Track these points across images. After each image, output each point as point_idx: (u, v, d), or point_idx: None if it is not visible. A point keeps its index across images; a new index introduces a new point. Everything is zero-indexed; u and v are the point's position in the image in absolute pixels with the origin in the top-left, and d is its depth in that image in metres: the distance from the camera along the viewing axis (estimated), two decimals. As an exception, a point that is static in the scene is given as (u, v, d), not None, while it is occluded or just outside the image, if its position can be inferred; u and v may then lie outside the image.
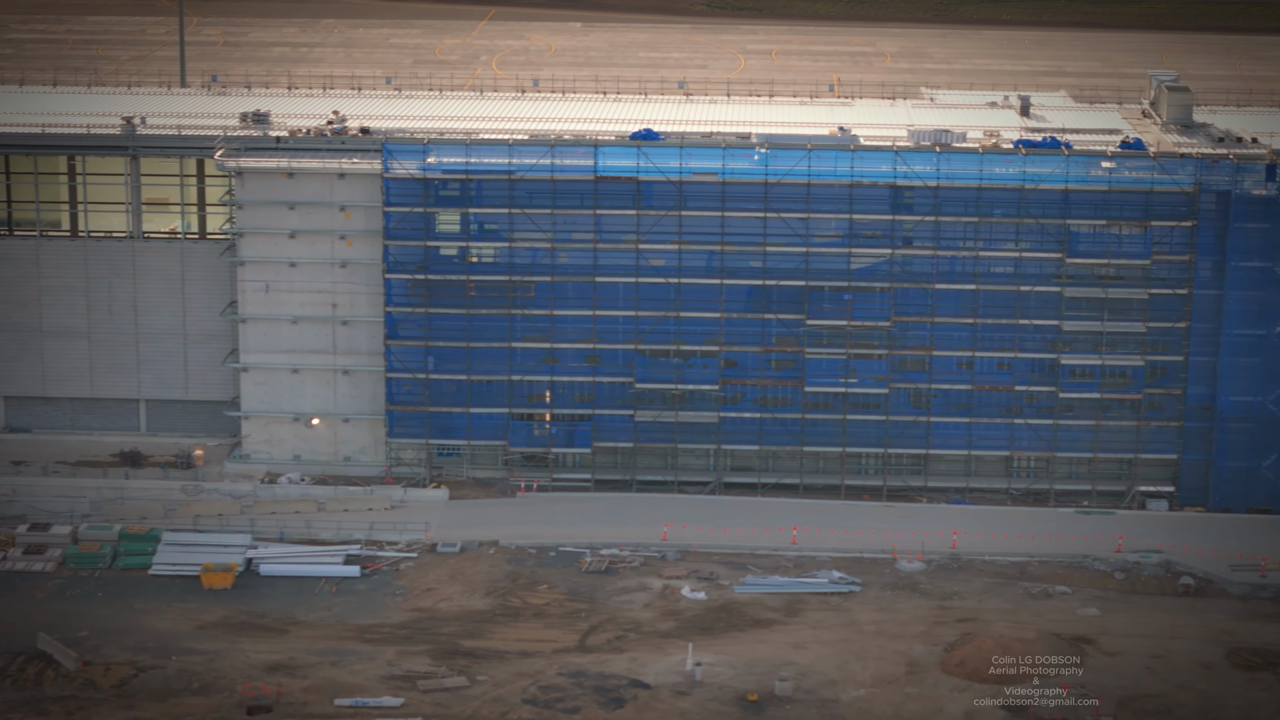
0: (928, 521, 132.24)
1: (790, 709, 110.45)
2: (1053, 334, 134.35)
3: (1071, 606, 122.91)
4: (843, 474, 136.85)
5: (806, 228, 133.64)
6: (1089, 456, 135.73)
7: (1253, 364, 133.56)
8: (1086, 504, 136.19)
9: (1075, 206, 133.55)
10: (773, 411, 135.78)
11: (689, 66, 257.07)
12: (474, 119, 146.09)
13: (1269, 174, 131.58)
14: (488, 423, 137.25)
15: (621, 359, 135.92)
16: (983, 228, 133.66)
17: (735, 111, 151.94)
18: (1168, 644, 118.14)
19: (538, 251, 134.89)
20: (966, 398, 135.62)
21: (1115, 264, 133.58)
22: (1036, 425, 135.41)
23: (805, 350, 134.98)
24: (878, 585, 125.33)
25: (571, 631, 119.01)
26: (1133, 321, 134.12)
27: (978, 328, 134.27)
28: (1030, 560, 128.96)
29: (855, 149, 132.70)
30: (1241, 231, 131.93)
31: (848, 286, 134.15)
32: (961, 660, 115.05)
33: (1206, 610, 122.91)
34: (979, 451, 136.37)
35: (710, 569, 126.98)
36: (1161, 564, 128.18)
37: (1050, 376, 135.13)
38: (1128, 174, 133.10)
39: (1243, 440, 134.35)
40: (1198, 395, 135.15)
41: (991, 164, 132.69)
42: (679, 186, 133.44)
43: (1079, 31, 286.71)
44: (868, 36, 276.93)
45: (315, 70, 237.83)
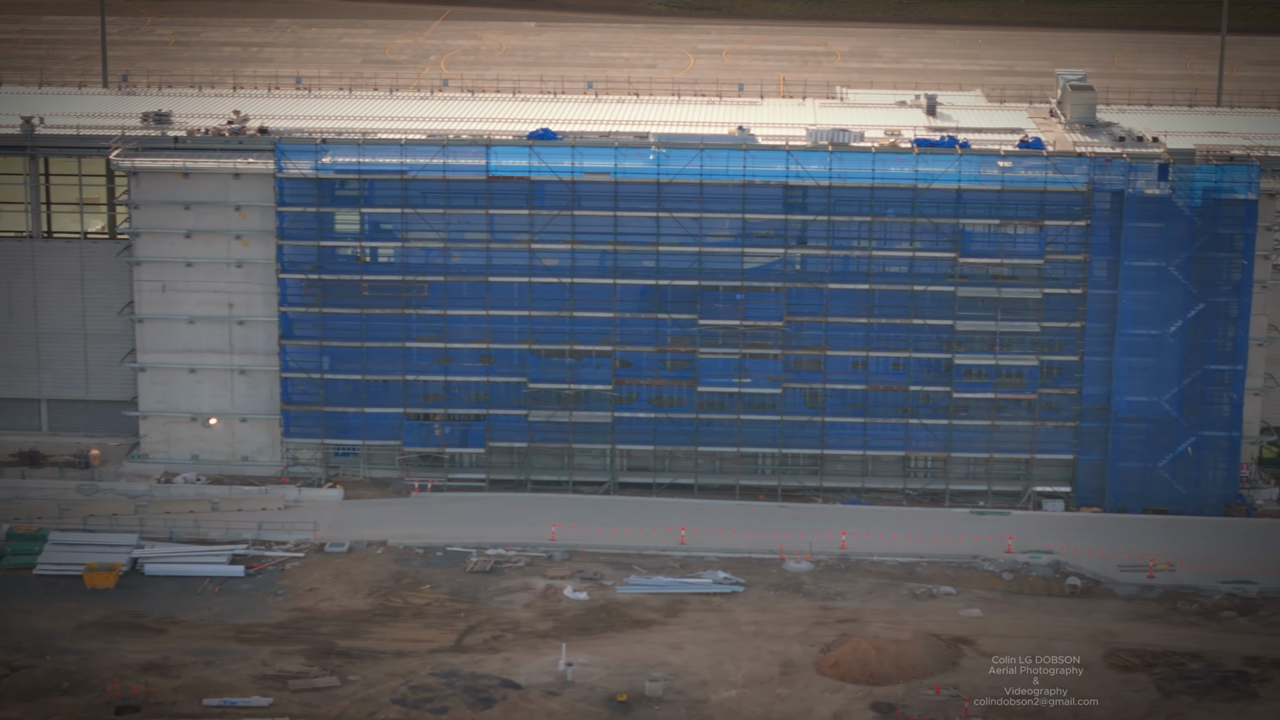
0: (819, 522, 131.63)
1: (659, 709, 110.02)
2: (947, 334, 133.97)
3: (955, 607, 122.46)
4: (737, 474, 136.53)
5: (700, 227, 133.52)
6: (984, 457, 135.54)
7: (1147, 364, 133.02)
8: (982, 504, 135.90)
9: (969, 206, 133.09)
10: (667, 411, 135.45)
11: (638, 66, 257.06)
12: (379, 119, 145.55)
13: (1161, 173, 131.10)
14: (382, 423, 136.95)
15: (515, 359, 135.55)
16: (876, 227, 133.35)
17: (642, 111, 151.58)
18: (1047, 645, 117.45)
19: (431, 251, 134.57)
20: (861, 398, 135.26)
21: (1009, 263, 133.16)
22: (931, 425, 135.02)
23: (699, 350, 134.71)
24: (762, 586, 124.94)
25: (449, 631, 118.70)
26: (1027, 321, 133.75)
27: (872, 327, 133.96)
28: (919, 561, 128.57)
29: (747, 149, 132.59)
30: (1135, 231, 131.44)
31: (741, 286, 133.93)
32: (835, 661, 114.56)
33: (1091, 611, 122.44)
34: (874, 452, 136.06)
35: (596, 569, 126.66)
36: (1051, 565, 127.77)
37: (945, 376, 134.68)
38: (1023, 173, 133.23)
39: (1138, 440, 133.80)
40: (1093, 395, 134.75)
41: (885, 163, 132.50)
42: (571, 186, 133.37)
43: (1035, 31, 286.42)
44: (821, 36, 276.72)
45: (262, 70, 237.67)
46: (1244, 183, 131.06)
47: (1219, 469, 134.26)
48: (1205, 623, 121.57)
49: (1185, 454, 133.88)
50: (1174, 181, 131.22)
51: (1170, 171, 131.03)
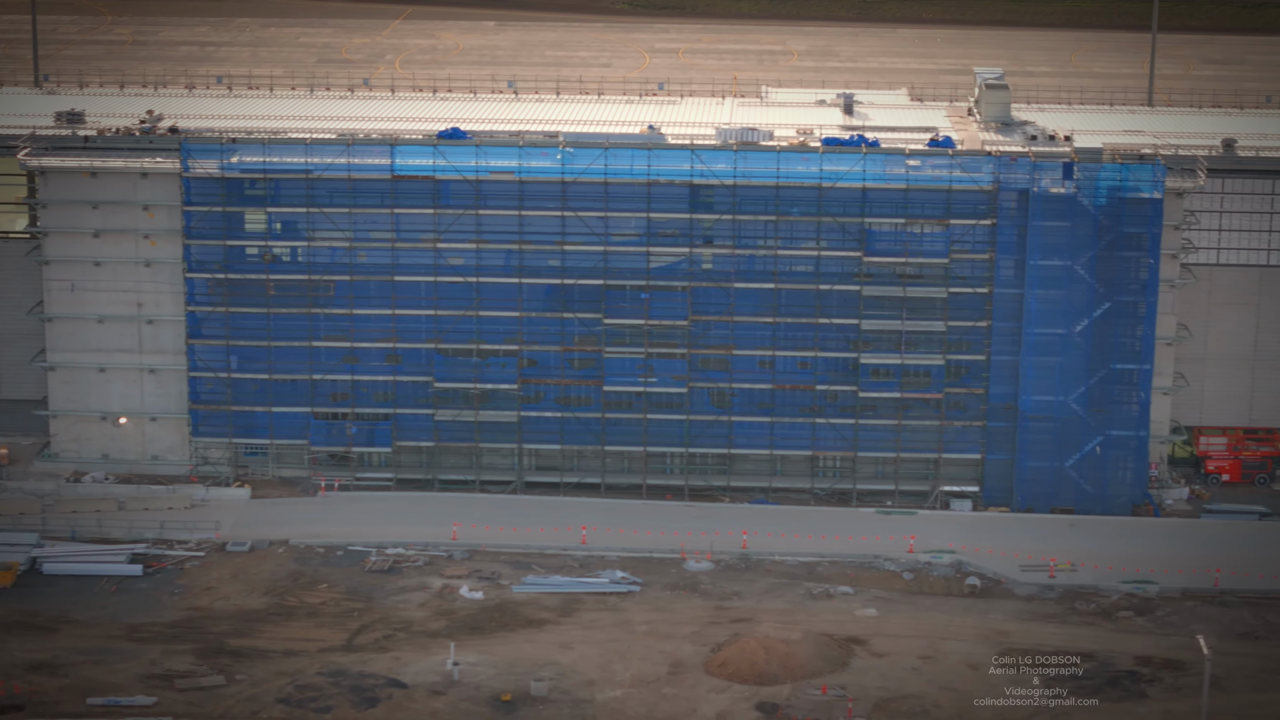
0: (723, 521, 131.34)
1: (543, 709, 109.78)
2: (853, 333, 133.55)
3: (851, 607, 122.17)
4: (644, 474, 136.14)
5: (605, 227, 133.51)
6: (892, 456, 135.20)
7: (1054, 363, 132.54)
8: (890, 504, 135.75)
9: (875, 205, 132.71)
10: (573, 411, 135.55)
11: (593, 65, 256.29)
12: (297, 118, 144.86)
13: (1066, 172, 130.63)
14: (290, 422, 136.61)
15: (422, 358, 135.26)
16: (782, 226, 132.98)
17: (561, 110, 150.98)
18: (940, 645, 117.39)
19: (337, 251, 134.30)
20: (768, 397, 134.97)
21: (915, 263, 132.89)
22: (838, 425, 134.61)
23: (604, 349, 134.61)
24: (660, 585, 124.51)
25: (341, 631, 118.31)
26: (933, 320, 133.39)
27: (778, 327, 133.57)
28: (821, 561, 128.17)
29: (652, 148, 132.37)
30: (1040, 230, 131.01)
31: (646, 286, 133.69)
32: (724, 661, 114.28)
33: (988, 611, 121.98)
34: (781, 451, 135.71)
35: (494, 569, 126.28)
36: (953, 565, 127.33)
37: (851, 376, 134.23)
38: (929, 172, 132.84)
39: (1045, 440, 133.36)
40: (1000, 395, 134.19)
41: (790, 163, 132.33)
42: (476, 186, 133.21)
43: (996, 30, 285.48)
44: (780, 35, 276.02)
45: (215, 69, 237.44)
46: (1149, 182, 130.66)
47: (1126, 469, 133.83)
48: (1101, 623, 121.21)
49: (1093, 454, 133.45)
50: (1079, 180, 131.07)
51: (1075, 170, 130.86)
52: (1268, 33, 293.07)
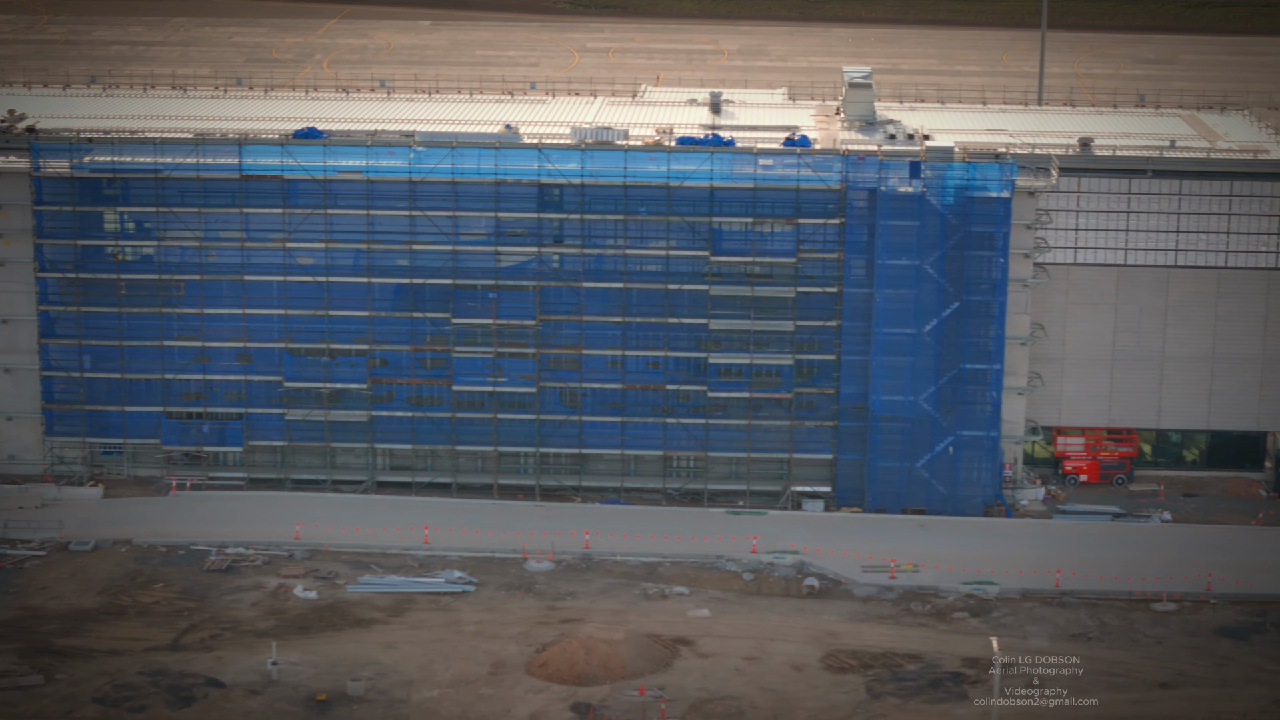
0: (569, 521, 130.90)
1: (357, 709, 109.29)
2: (702, 332, 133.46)
3: (684, 608, 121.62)
4: (495, 473, 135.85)
5: (454, 226, 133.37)
6: (743, 456, 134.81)
7: (904, 363, 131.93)
8: (742, 504, 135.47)
9: (727, 204, 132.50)
10: (423, 410, 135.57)
11: (521, 65, 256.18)
12: (165, 118, 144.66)
13: (913, 171, 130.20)
14: (143, 421, 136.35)
15: (273, 357, 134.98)
16: (631, 226, 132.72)
17: (431, 110, 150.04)
18: (767, 646, 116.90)
19: (187, 250, 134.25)
20: (618, 397, 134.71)
21: (763, 262, 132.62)
22: (689, 425, 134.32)
23: (454, 349, 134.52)
24: (496, 585, 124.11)
25: (169, 630, 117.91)
26: (782, 320, 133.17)
27: (627, 326, 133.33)
28: (663, 561, 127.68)
29: (499, 147, 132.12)
30: (888, 229, 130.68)
31: (495, 285, 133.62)
32: (545, 662, 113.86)
33: (822, 612, 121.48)
34: (633, 451, 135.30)
35: (333, 568, 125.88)
36: (795, 565, 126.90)
37: (701, 376, 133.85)
38: (779, 171, 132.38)
39: (896, 440, 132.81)
40: (851, 395, 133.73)
41: (639, 162, 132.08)
42: (324, 185, 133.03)
43: (933, 29, 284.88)
44: (714, 34, 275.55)
45: (143, 69, 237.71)
46: (996, 181, 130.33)
47: (978, 469, 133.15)
48: (934, 624, 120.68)
49: (945, 454, 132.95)
50: (926, 179, 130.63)
51: (922, 169, 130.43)
52: (1208, 32, 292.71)
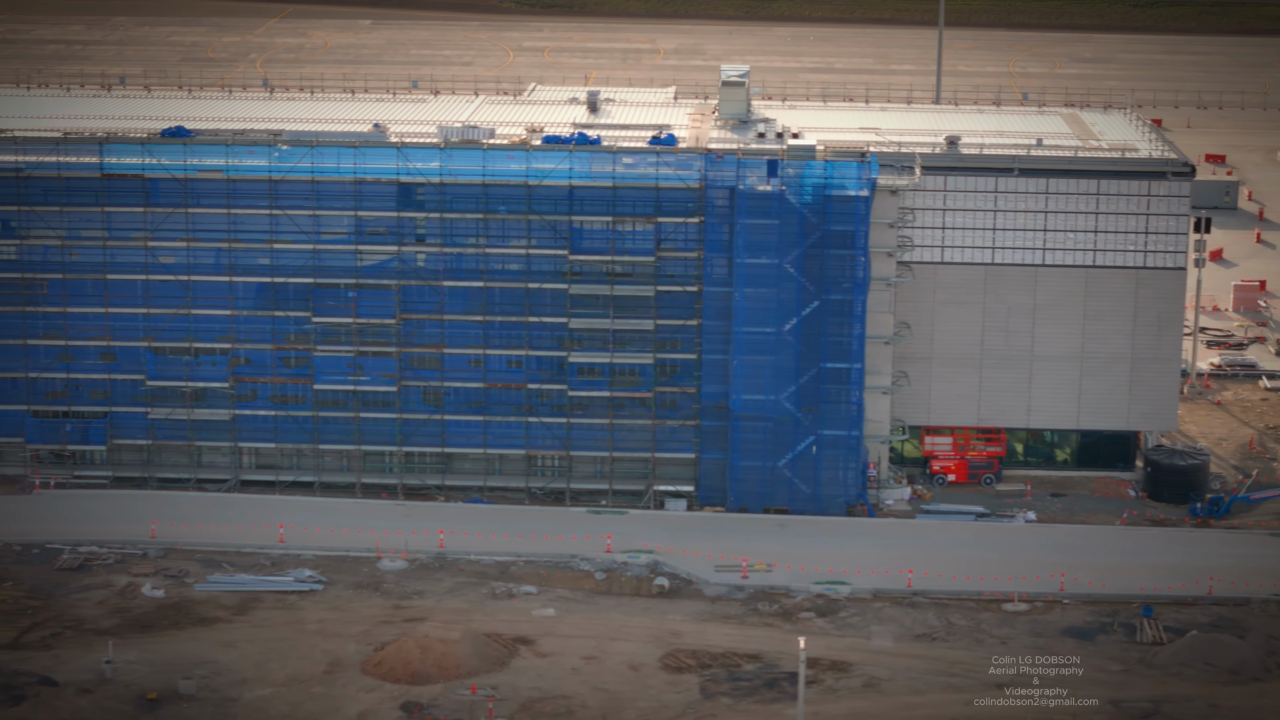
0: (428, 520, 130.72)
1: (187, 708, 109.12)
2: (562, 331, 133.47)
3: (530, 607, 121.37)
4: (359, 472, 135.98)
5: (315, 225, 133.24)
6: (605, 455, 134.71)
7: (764, 362, 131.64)
8: (604, 503, 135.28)
9: (589, 203, 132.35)
10: (286, 409, 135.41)
11: (455, 64, 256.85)
12: (36, 117, 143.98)
13: (771, 170, 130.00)
14: (8, 420, 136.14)
15: (136, 356, 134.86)
16: (493, 225, 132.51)
17: (311, 109, 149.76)
18: (608, 645, 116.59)
19: (49, 249, 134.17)
20: (480, 396, 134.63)
21: (623, 260, 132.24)
22: (551, 424, 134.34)
23: (315, 348, 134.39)
24: (345, 585, 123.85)
25: (10, 629, 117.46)
26: (643, 319, 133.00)
27: (488, 325, 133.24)
28: (516, 560, 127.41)
29: (359, 146, 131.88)
30: (747, 227, 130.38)
31: (356, 284, 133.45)
32: (380, 661, 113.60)
33: (668, 612, 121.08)
34: (496, 450, 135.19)
35: (185, 567, 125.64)
36: (649, 565, 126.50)
37: (562, 375, 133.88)
38: (639, 170, 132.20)
39: (757, 439, 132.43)
40: (713, 394, 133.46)
41: (498, 161, 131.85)
42: (184, 184, 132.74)
43: (875, 28, 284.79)
44: (653, 33, 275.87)
45: (76, 68, 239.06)
46: (855, 179, 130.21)
47: (840, 469, 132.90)
48: (780, 624, 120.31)
49: (807, 453, 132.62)
50: (785, 178, 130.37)
51: (779, 168, 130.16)
52: (1154, 31, 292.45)
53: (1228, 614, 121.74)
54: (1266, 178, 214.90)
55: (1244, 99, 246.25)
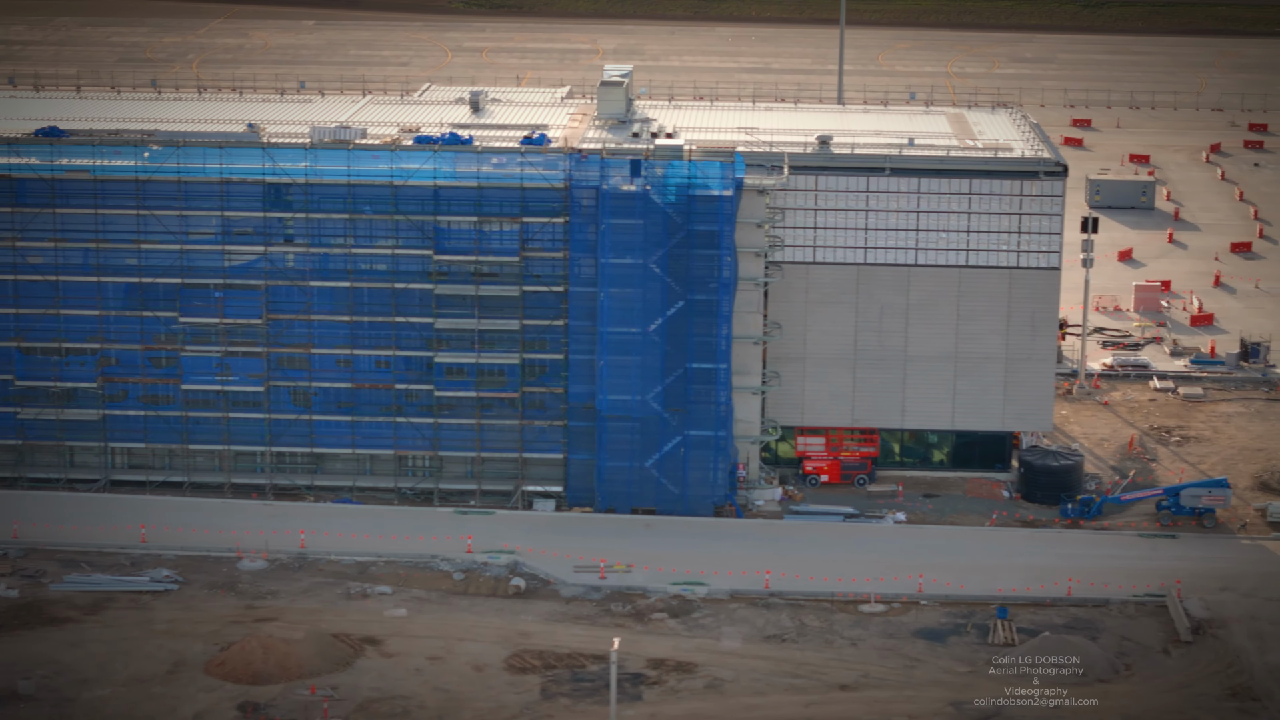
0: (292, 520, 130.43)
1: (24, 708, 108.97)
2: (429, 331, 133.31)
3: (383, 607, 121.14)
4: (228, 472, 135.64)
5: (182, 225, 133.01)
6: (473, 456, 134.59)
7: (630, 362, 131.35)
8: (473, 504, 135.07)
9: (456, 203, 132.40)
10: (156, 409, 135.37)
11: (391, 64, 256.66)
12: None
13: (634, 169, 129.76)
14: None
15: (5, 356, 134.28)
16: (360, 225, 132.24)
17: (197, 110, 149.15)
18: (455, 646, 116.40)
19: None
20: (348, 396, 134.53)
21: (487, 261, 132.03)
22: (419, 424, 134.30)
23: (183, 348, 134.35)
24: (201, 584, 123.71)
25: None
26: (509, 319, 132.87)
27: (355, 325, 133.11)
28: (377, 560, 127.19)
29: (224, 146, 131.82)
30: (611, 227, 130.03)
31: (223, 284, 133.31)
32: (223, 661, 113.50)
33: (521, 612, 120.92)
34: (364, 450, 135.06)
35: (44, 566, 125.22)
36: (509, 565, 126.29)
37: (429, 375, 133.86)
38: (505, 170, 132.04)
39: (624, 440, 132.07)
40: (580, 394, 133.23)
41: (363, 161, 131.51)
42: (51, 184, 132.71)
43: (818, 28, 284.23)
44: (594, 33, 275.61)
45: (4, 69, 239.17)
46: (718, 179, 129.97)
47: (708, 469, 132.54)
48: (631, 624, 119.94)
49: (675, 454, 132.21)
50: (649, 178, 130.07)
51: (643, 168, 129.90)
52: (1102, 31, 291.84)
53: (1085, 615, 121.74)
54: (1188, 178, 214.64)
55: (1177, 99, 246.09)
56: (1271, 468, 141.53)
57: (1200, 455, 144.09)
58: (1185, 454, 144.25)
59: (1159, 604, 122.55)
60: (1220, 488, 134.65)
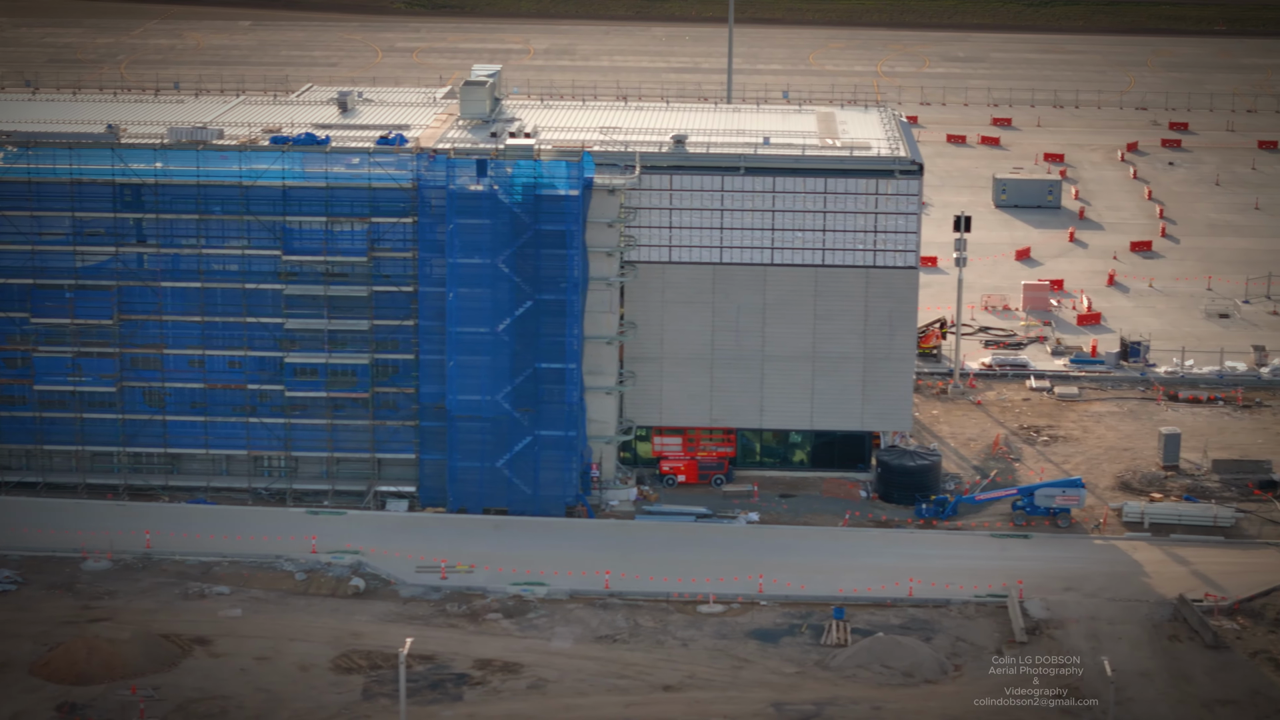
0: (140, 520, 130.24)
1: None
2: (280, 332, 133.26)
3: (219, 607, 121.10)
4: (84, 473, 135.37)
5: (33, 225, 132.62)
6: (326, 456, 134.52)
7: (480, 362, 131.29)
8: (326, 503, 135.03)
9: (306, 204, 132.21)
10: (9, 410, 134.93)
11: (321, 65, 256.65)
12: None
13: (480, 169, 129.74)
14: None
15: None
16: (212, 225, 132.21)
17: (65, 111, 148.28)
18: (285, 646, 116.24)
19: None
20: (201, 396, 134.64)
21: (336, 261, 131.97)
22: (271, 424, 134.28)
23: (35, 348, 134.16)
24: (40, 585, 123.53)
25: None
26: (359, 319, 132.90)
27: (207, 326, 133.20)
28: (221, 560, 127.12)
29: (72, 147, 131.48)
30: (459, 227, 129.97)
31: (75, 285, 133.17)
32: (48, 661, 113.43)
33: (357, 612, 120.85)
34: (218, 450, 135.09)
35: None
36: (352, 565, 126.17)
37: (281, 375, 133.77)
38: (355, 170, 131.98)
39: (475, 440, 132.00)
40: (431, 394, 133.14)
41: (214, 161, 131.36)
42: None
43: (753, 28, 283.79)
44: (526, 34, 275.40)
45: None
46: (564, 178, 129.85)
47: (559, 469, 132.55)
48: (465, 625, 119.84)
49: (527, 454, 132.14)
50: (496, 178, 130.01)
51: (489, 168, 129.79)
52: (1043, 30, 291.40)
53: (924, 616, 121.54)
54: (1100, 177, 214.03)
55: (1101, 98, 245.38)
56: (1135, 468, 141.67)
57: (1066, 455, 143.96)
58: (1051, 454, 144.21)
59: (1000, 604, 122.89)
60: (1075, 488, 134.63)
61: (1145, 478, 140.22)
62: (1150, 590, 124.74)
